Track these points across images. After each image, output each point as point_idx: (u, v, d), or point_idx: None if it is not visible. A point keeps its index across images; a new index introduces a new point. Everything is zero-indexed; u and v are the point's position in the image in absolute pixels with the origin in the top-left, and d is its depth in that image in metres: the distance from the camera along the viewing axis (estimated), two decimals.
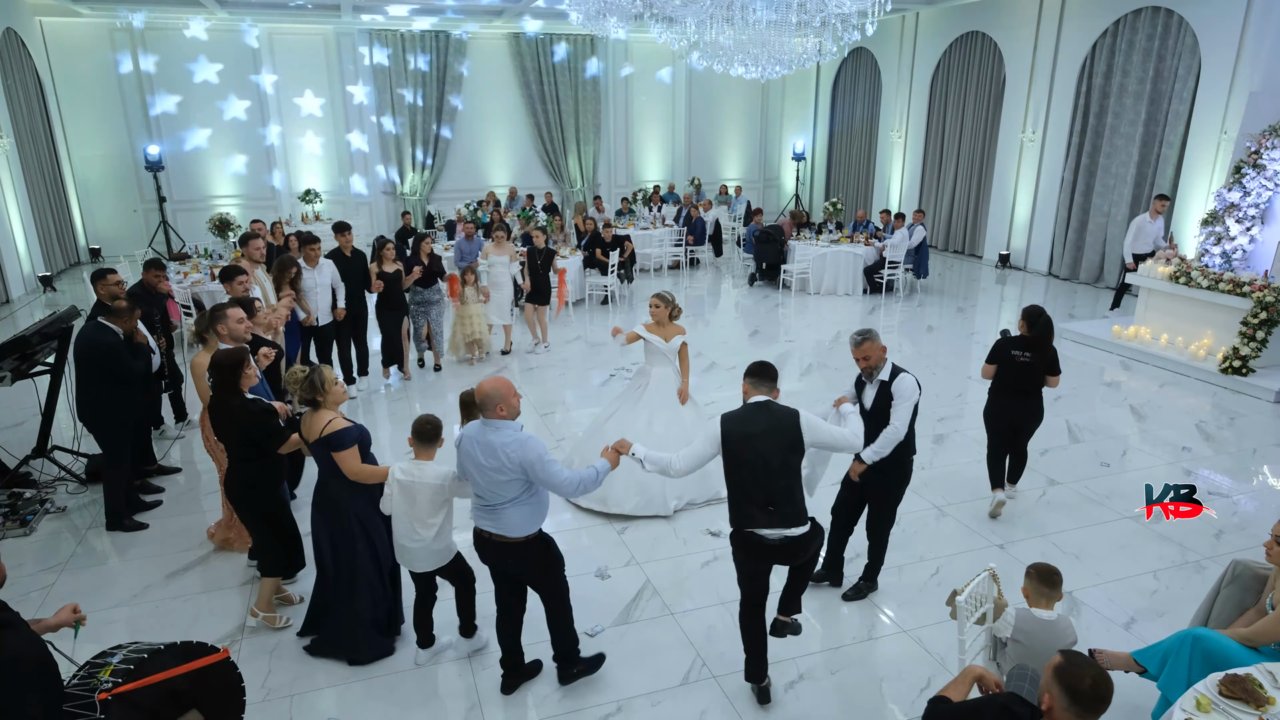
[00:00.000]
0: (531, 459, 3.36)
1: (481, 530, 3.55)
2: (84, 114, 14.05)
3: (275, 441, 4.03)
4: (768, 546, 3.41)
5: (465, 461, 3.52)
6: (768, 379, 3.56)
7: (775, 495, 3.38)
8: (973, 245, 14.81)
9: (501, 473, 3.39)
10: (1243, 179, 8.84)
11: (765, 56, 9.42)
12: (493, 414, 3.44)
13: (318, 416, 3.78)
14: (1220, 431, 6.96)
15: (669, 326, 5.52)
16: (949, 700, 2.54)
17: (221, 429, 4.12)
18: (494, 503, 3.45)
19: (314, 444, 3.78)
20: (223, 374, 4.02)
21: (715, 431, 3.47)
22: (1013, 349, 5.18)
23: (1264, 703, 2.71)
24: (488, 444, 3.41)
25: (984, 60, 13.97)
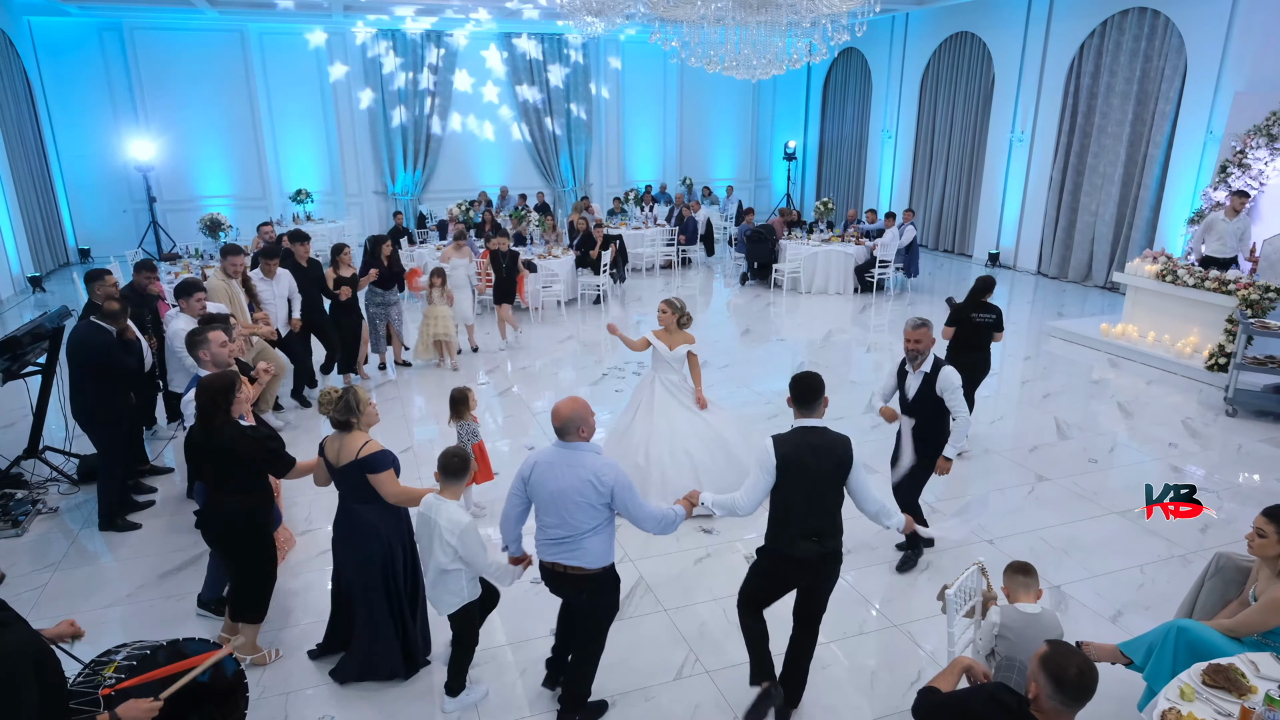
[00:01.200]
0: (625, 483, 3.25)
1: (554, 564, 3.34)
2: (73, 114, 13.97)
3: (283, 466, 3.79)
4: (799, 560, 3.34)
5: (538, 491, 3.29)
6: (813, 401, 3.39)
7: (821, 525, 3.32)
8: (962, 244, 14.91)
9: (586, 498, 3.21)
10: (1228, 178, 8.96)
11: (756, 57, 9.46)
12: (575, 436, 3.27)
13: (351, 438, 3.58)
14: (1206, 428, 7.04)
15: (676, 334, 5.41)
16: (938, 691, 2.58)
17: (207, 460, 3.69)
18: (571, 533, 3.25)
19: (347, 467, 3.55)
20: (214, 399, 3.64)
21: (769, 458, 3.29)
22: (972, 312, 6.14)
23: (1245, 691, 2.76)
24: (573, 467, 3.23)
25: (973, 60, 14.06)
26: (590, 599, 3.41)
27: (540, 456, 3.34)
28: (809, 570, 3.39)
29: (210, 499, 3.77)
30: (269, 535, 3.91)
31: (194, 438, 3.73)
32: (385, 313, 8.25)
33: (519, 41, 16.22)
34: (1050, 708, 2.28)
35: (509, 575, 3.51)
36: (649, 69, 17.51)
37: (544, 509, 3.30)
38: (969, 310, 6.16)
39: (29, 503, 5.52)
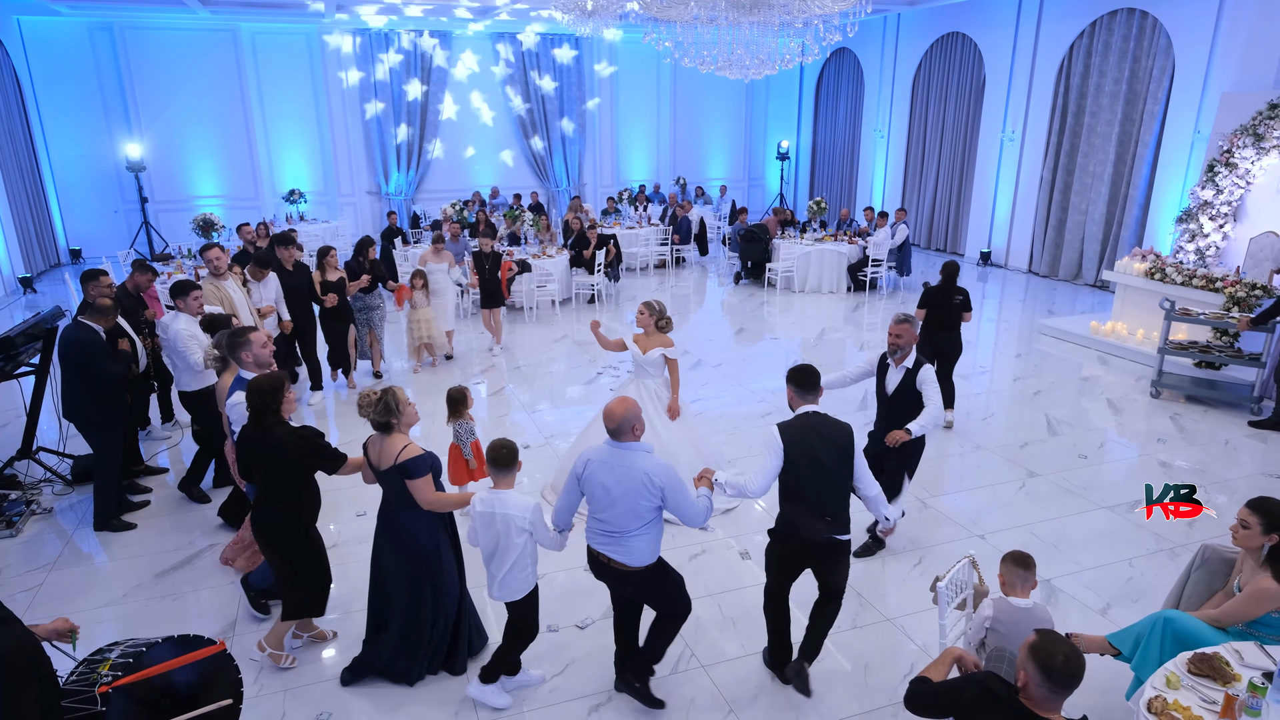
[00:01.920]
0: (675, 483, 3.30)
1: (601, 555, 3.43)
2: (64, 114, 13.92)
3: (334, 463, 3.73)
4: (815, 544, 3.51)
5: (591, 487, 3.36)
6: (812, 387, 3.61)
7: (832, 504, 3.48)
8: (954, 243, 15.00)
9: (640, 497, 3.27)
10: (1216, 177, 9.05)
11: (749, 57, 9.51)
12: (628, 436, 3.33)
13: (391, 441, 3.55)
14: (1194, 424, 7.12)
15: (654, 337, 5.32)
16: (929, 681, 2.63)
17: (258, 461, 3.68)
18: (621, 529, 3.33)
19: (387, 470, 3.54)
20: (265, 400, 3.59)
21: (776, 441, 3.47)
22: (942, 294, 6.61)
23: (1230, 679, 2.82)
24: (626, 467, 3.29)
25: (964, 61, 14.15)
26: (634, 591, 3.54)
27: (594, 455, 3.40)
28: (819, 551, 3.55)
29: (261, 501, 3.74)
30: (319, 537, 3.87)
31: (246, 438, 3.69)
32: (368, 318, 8.06)
33: (513, 42, 16.23)
34: (1039, 695, 2.32)
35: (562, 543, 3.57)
36: (643, 69, 17.55)
37: (596, 505, 3.39)
38: (941, 293, 6.65)
39: (23, 503, 5.51)
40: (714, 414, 6.80)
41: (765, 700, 3.77)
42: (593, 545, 3.47)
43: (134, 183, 14.07)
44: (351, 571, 4.70)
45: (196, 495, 5.68)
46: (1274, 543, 3.15)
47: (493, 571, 3.53)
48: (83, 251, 14.41)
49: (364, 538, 4.65)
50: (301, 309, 7.32)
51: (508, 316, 10.98)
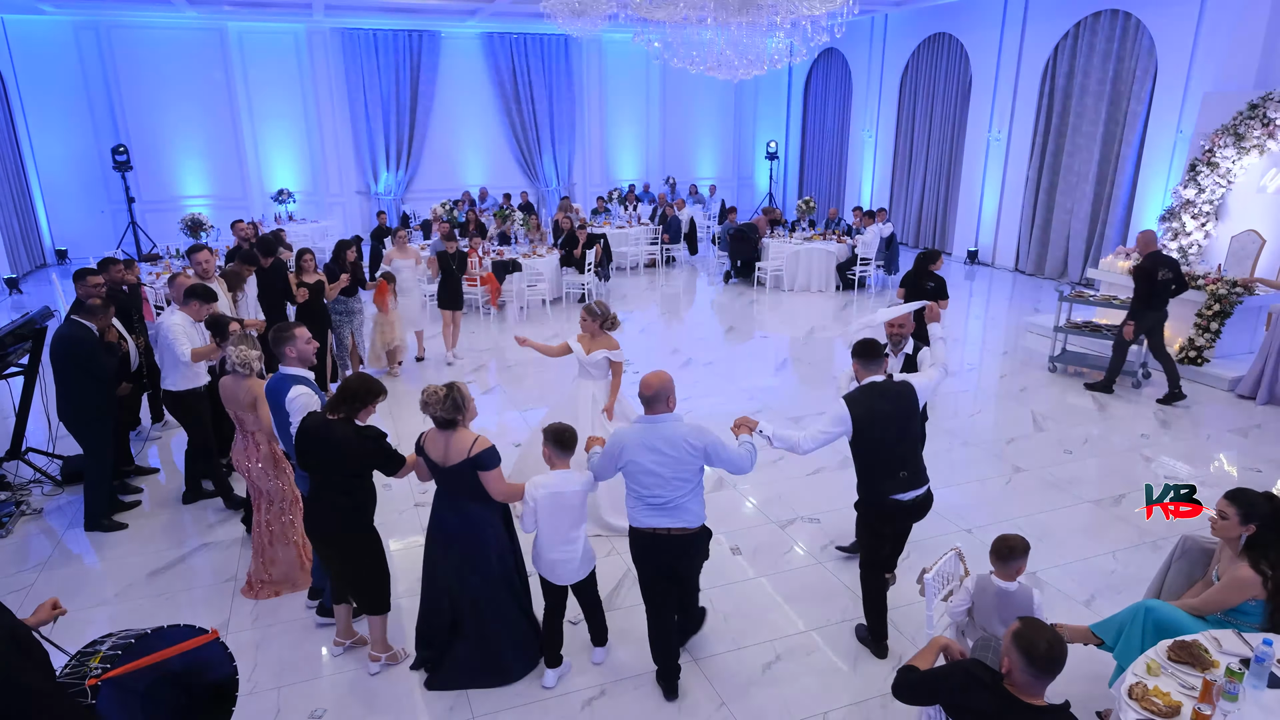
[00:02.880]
0: (713, 440, 3.44)
1: (655, 529, 3.47)
2: (49, 113, 13.81)
3: (395, 465, 3.69)
4: (904, 507, 3.77)
5: (633, 468, 3.43)
6: (877, 358, 3.84)
7: (906, 463, 3.73)
8: (942, 242, 15.12)
9: (684, 464, 3.39)
10: (1197, 176, 9.18)
11: (737, 57, 9.57)
12: (663, 407, 3.46)
13: (460, 435, 3.52)
14: (1177, 419, 7.23)
15: (597, 339, 5.21)
16: (916, 669, 2.68)
17: (317, 453, 3.61)
18: (671, 497, 3.42)
19: (459, 465, 3.50)
20: (357, 403, 3.56)
21: (844, 414, 3.65)
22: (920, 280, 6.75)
23: (1208, 665, 2.89)
24: (667, 438, 3.40)
25: (951, 61, 14.28)
26: (691, 559, 3.63)
27: (628, 437, 3.47)
28: (904, 512, 3.81)
29: (316, 496, 3.71)
30: (375, 531, 3.82)
31: (309, 428, 3.63)
32: (350, 320, 7.87)
33: (502, 41, 16.23)
34: (1023, 681, 2.38)
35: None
36: (632, 69, 17.60)
37: (642, 482, 3.45)
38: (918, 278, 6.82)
39: (12, 504, 5.49)
40: (704, 412, 6.85)
41: (756, 692, 3.82)
42: (642, 525, 3.53)
43: (121, 183, 13.98)
44: None
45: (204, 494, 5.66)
46: (1251, 533, 3.22)
47: (556, 557, 3.62)
48: (69, 252, 14.31)
49: None
50: (277, 312, 7.05)
51: (497, 316, 11.00)
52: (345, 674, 3.94)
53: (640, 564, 3.66)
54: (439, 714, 3.69)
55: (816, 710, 3.71)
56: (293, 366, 4.09)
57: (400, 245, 8.68)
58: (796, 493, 5.58)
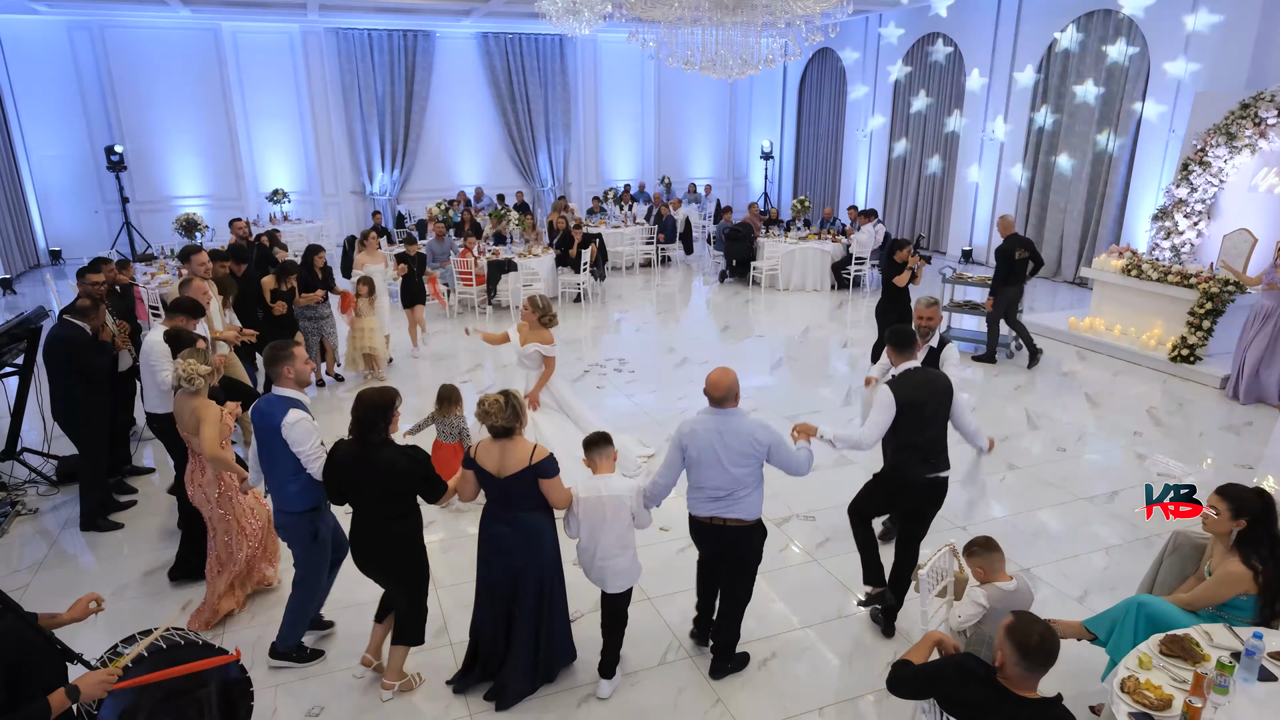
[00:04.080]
0: (777, 439, 3.55)
1: (715, 518, 3.58)
2: (43, 114, 13.77)
3: (439, 492, 3.54)
4: (924, 483, 3.94)
5: (699, 457, 3.51)
6: (911, 345, 4.05)
7: (935, 446, 3.94)
8: (937, 242, 15.17)
9: (750, 458, 3.50)
10: (1190, 176, 9.24)
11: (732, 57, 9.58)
12: (732, 403, 3.55)
13: (518, 445, 3.43)
14: (1170, 417, 7.27)
15: (535, 331, 5.41)
16: (911, 664, 2.70)
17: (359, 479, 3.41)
18: (732, 489, 3.53)
19: (520, 473, 3.40)
20: (375, 414, 3.35)
21: (890, 399, 3.84)
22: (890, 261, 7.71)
23: (1200, 659, 2.91)
24: (734, 431, 3.50)
25: (945, 61, 14.32)
26: (745, 549, 3.69)
27: (697, 426, 3.56)
28: (920, 492, 3.97)
29: (363, 527, 3.50)
30: (426, 557, 3.66)
31: (344, 458, 3.41)
32: (318, 326, 7.75)
33: (497, 41, 16.23)
34: (1016, 674, 2.40)
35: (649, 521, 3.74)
36: (627, 69, 17.61)
37: (705, 472, 3.54)
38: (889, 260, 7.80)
39: (8, 504, 5.49)
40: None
41: (752, 690, 3.84)
42: (701, 513, 3.63)
43: (115, 183, 13.94)
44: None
45: None
46: (1241, 528, 3.25)
47: (600, 564, 3.60)
48: (63, 253, 14.26)
49: None
50: (249, 321, 6.91)
51: (495, 316, 11.00)
52: (343, 673, 3.95)
53: (698, 546, 3.85)
54: (436, 713, 3.70)
55: (812, 706, 3.73)
56: (288, 388, 3.70)
57: (370, 250, 8.53)
58: (792, 491, 5.60)
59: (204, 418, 3.94)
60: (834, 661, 4.05)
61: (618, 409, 7.44)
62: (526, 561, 3.54)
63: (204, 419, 3.93)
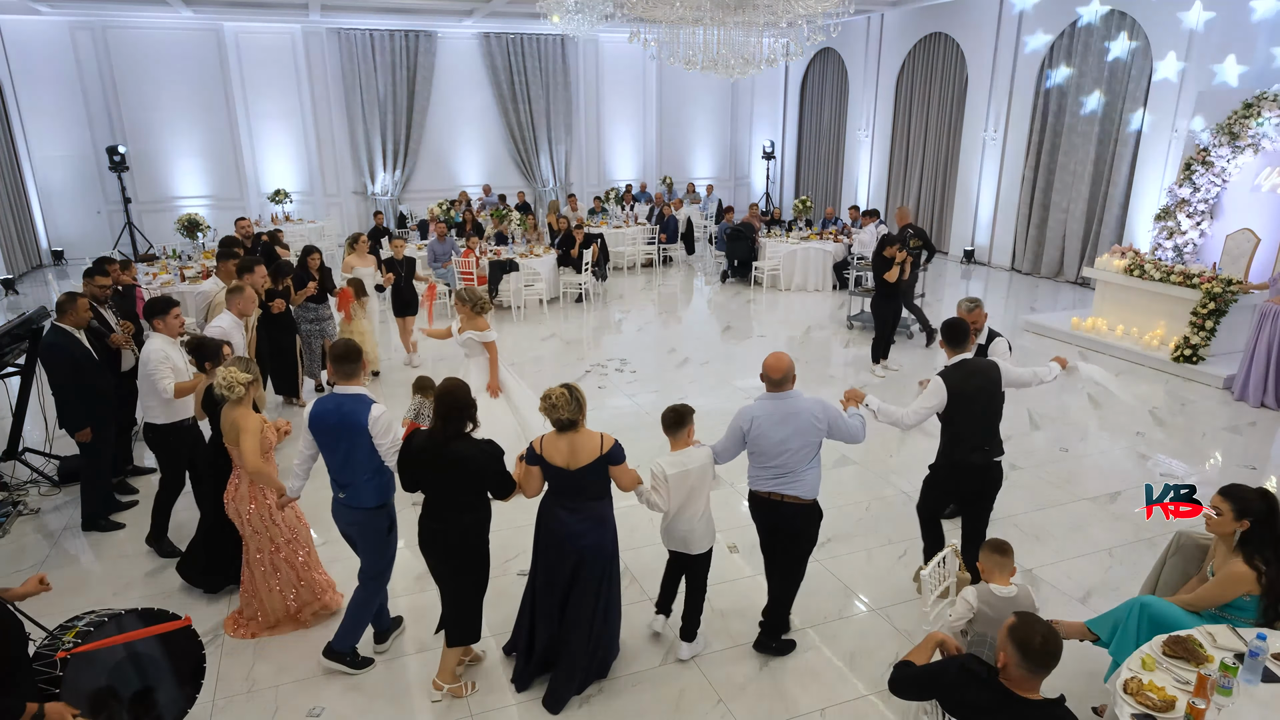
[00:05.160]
0: (834, 413, 3.74)
1: (774, 493, 3.74)
2: (45, 114, 13.78)
3: (508, 490, 3.57)
4: (972, 467, 4.11)
5: (762, 439, 3.67)
6: (964, 338, 4.19)
7: (988, 433, 4.11)
8: (939, 241, 15.14)
9: (809, 435, 3.66)
10: (1193, 176, 9.22)
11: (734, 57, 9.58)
12: (789, 385, 3.72)
13: (585, 436, 3.49)
14: (1172, 417, 7.25)
15: (470, 321, 5.74)
16: (913, 664, 2.69)
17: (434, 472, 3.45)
18: (794, 468, 3.68)
19: (593, 464, 3.47)
20: (462, 407, 3.41)
21: (941, 387, 4.02)
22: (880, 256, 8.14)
23: (1203, 660, 2.90)
24: (793, 413, 3.66)
25: (947, 61, 14.30)
26: (801, 526, 3.82)
27: (757, 411, 3.71)
28: (979, 476, 4.13)
29: (435, 515, 3.53)
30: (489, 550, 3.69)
31: (423, 448, 3.45)
32: (321, 329, 7.63)
33: (499, 41, 16.23)
34: (1018, 675, 2.39)
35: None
36: (629, 69, 17.61)
37: (768, 453, 3.69)
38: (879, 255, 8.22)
39: (10, 504, 5.49)
40: (701, 411, 6.85)
41: (754, 690, 3.83)
42: (761, 488, 3.78)
43: (117, 183, 13.96)
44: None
45: (167, 549, 4.97)
46: (1244, 529, 3.24)
47: (685, 530, 3.82)
48: (65, 253, 14.28)
49: None
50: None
51: (496, 316, 11.00)
52: (344, 673, 3.94)
53: (757, 523, 3.96)
54: (437, 712, 3.69)
55: (814, 707, 3.72)
56: (357, 385, 3.69)
57: (360, 252, 8.36)
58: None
59: (245, 428, 3.80)
60: (836, 663, 4.04)
61: (619, 409, 7.43)
62: (594, 550, 3.60)
63: (245, 429, 3.80)
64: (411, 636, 4.20)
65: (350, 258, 8.42)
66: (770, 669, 3.98)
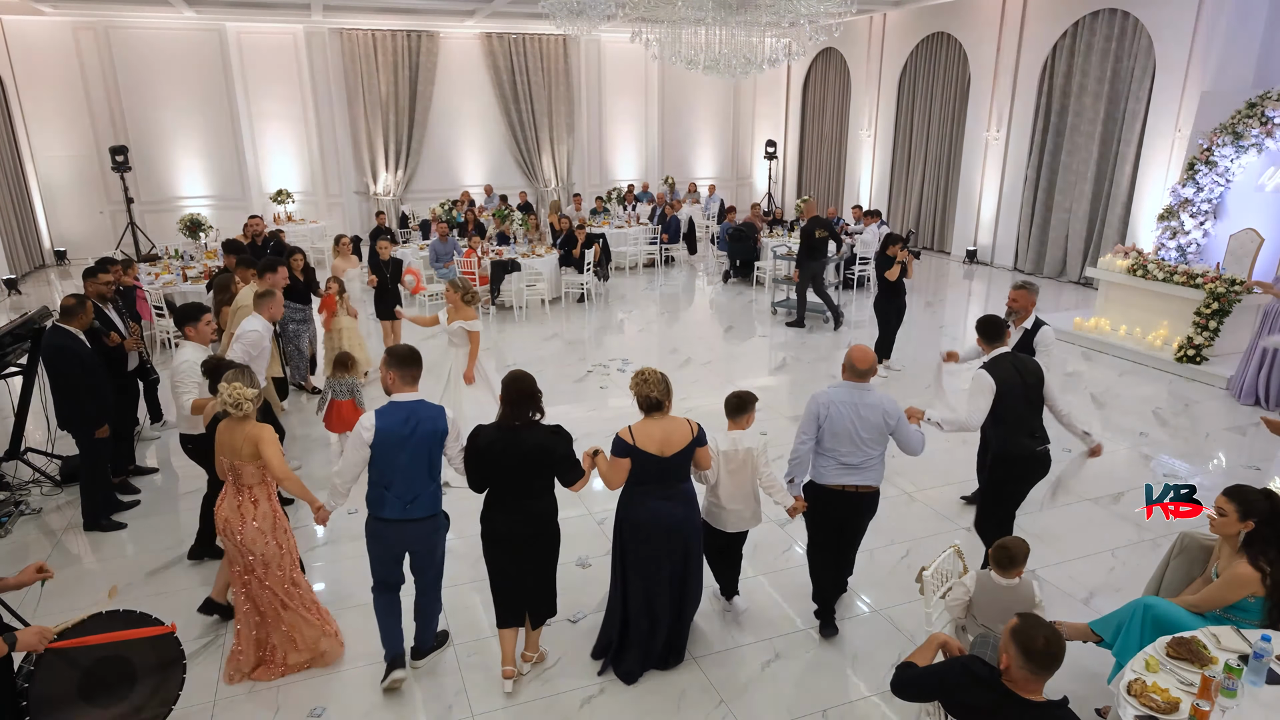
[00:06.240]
0: (903, 416, 3.83)
1: (846, 486, 3.84)
2: (48, 114, 13.79)
3: (577, 476, 3.57)
4: (1037, 456, 4.22)
5: (836, 427, 3.76)
6: (1000, 333, 4.32)
7: (1036, 423, 4.24)
8: (941, 241, 15.13)
9: (881, 429, 3.76)
10: (1196, 175, 9.19)
11: (735, 57, 9.57)
12: (869, 378, 3.80)
13: (674, 422, 3.55)
14: (1176, 417, 7.23)
15: (459, 310, 5.87)
16: (915, 665, 2.68)
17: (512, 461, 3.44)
18: (862, 458, 3.80)
19: (684, 449, 3.53)
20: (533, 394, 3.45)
21: (989, 381, 4.10)
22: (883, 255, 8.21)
23: (1207, 662, 2.89)
24: (869, 404, 3.76)
25: (949, 60, 14.28)
26: (862, 517, 3.98)
27: (833, 398, 3.81)
28: (1040, 462, 4.24)
29: (505, 505, 3.52)
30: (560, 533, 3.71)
31: (493, 443, 3.42)
32: (306, 328, 7.59)
33: (501, 41, 16.22)
34: (1020, 677, 2.38)
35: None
36: (631, 69, 17.59)
37: (841, 441, 3.78)
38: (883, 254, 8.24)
39: (11, 504, 5.49)
40: (703, 412, 6.85)
41: (755, 690, 3.82)
42: (830, 482, 3.86)
43: (119, 183, 13.96)
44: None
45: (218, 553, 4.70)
46: (1249, 529, 3.22)
47: (725, 507, 3.95)
48: (68, 253, 14.30)
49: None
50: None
51: (498, 316, 11.00)
52: (343, 672, 3.94)
53: (819, 518, 4.02)
54: (437, 713, 3.69)
55: (815, 708, 3.71)
56: (415, 392, 3.59)
57: (344, 253, 8.20)
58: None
59: (264, 440, 3.60)
60: (837, 663, 4.03)
61: (620, 409, 7.42)
62: (687, 532, 3.69)
63: (264, 441, 3.60)
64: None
65: (337, 260, 8.31)
66: (771, 669, 3.97)
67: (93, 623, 2.94)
